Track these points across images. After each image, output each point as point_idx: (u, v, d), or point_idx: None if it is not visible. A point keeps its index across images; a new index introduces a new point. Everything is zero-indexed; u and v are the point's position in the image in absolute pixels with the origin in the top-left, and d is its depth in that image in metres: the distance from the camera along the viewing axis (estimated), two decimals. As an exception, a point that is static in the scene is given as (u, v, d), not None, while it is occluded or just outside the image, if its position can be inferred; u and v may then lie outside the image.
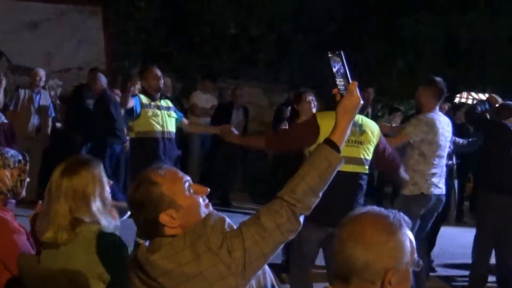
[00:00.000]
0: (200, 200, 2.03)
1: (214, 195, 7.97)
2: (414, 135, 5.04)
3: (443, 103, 6.99)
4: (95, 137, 7.82)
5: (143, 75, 6.06)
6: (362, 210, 1.74)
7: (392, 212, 1.71)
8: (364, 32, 11.36)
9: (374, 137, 4.31)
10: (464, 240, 6.77)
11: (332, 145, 2.00)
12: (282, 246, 1.94)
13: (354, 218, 1.72)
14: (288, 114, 7.36)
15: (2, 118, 6.79)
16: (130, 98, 5.62)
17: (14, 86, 8.82)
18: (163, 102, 6.02)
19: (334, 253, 1.71)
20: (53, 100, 8.46)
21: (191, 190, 2.02)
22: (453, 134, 5.51)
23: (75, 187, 2.57)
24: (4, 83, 7.34)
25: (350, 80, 2.02)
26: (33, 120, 8.06)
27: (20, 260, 2.71)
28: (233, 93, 9.35)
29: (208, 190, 2.06)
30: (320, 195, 1.98)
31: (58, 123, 8.48)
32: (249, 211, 8.14)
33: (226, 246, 1.85)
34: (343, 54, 2.02)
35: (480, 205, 5.67)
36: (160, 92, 6.07)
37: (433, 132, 5.04)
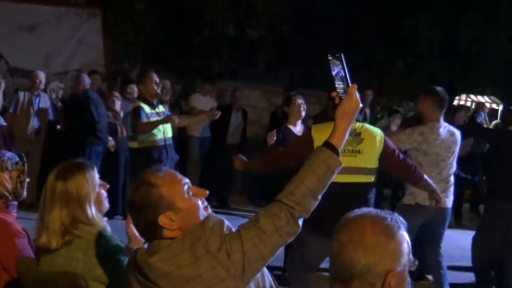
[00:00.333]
0: (199, 202, 2.02)
1: (213, 197, 7.96)
2: (405, 143, 4.96)
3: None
4: (75, 136, 7.60)
5: (141, 79, 6.07)
6: (359, 212, 1.72)
7: (389, 213, 1.71)
8: (364, 33, 11.35)
9: (376, 143, 4.19)
10: (463, 242, 6.76)
11: (331, 148, 1.99)
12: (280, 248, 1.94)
13: (351, 220, 1.70)
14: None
15: (1, 120, 6.77)
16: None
17: (13, 89, 8.79)
18: (160, 108, 6.06)
19: (332, 256, 1.69)
20: (54, 102, 8.45)
21: (190, 193, 2.01)
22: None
23: (70, 191, 2.57)
24: (3, 85, 7.30)
25: (350, 83, 2.01)
26: (32, 123, 8.02)
27: (19, 263, 2.71)
28: (232, 95, 9.35)
29: (207, 192, 2.06)
30: (319, 198, 1.98)
31: (58, 126, 8.46)
32: (248, 214, 8.14)
33: (225, 248, 1.85)
34: (343, 57, 2.01)
35: (490, 212, 5.68)
36: (157, 98, 6.10)
37: (427, 142, 4.92)
